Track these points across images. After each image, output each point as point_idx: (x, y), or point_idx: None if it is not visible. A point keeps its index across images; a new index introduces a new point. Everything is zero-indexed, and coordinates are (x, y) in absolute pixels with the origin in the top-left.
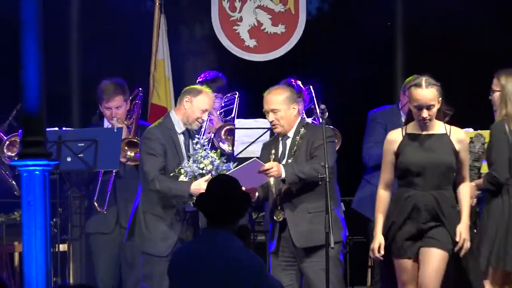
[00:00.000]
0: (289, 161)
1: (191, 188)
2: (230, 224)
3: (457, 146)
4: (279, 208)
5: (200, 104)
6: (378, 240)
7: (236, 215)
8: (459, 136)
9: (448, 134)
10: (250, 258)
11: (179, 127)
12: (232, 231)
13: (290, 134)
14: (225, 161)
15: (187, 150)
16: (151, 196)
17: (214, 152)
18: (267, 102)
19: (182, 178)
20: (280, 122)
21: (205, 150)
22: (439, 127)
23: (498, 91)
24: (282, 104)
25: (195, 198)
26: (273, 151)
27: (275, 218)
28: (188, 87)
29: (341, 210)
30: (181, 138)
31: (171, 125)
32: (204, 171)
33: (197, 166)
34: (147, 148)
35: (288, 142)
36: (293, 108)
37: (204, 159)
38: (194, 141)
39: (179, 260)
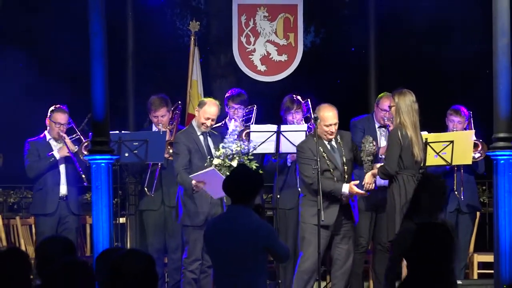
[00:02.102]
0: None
1: (192, 183)
2: (248, 202)
3: None
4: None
5: (203, 113)
6: None
7: (252, 195)
8: None
9: None
10: (264, 226)
11: (199, 130)
12: (249, 207)
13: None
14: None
15: (207, 146)
16: None
17: (237, 146)
18: (335, 116)
19: (215, 161)
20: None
21: (236, 143)
22: None
23: (393, 106)
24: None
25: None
26: (321, 149)
27: (343, 203)
28: (200, 100)
29: None
30: (201, 137)
31: (193, 130)
32: (229, 152)
33: (226, 152)
34: (175, 149)
35: (334, 143)
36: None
37: (232, 144)
38: (227, 136)
39: (211, 229)
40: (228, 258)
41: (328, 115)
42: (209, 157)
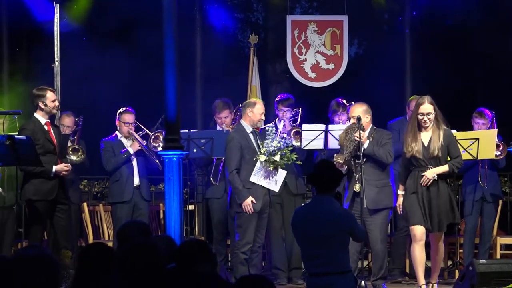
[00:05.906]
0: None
1: (242, 200)
2: (330, 191)
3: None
4: (357, 182)
5: (259, 111)
6: None
7: (334, 186)
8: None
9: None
10: (345, 213)
11: (248, 129)
12: (332, 196)
13: (365, 134)
14: (281, 147)
15: (256, 142)
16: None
17: (278, 142)
18: (353, 111)
19: (261, 158)
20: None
21: (275, 141)
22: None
23: (432, 113)
24: (361, 113)
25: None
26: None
27: (354, 189)
28: (246, 102)
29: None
30: (251, 135)
31: (243, 128)
32: (272, 148)
33: (268, 149)
34: (228, 146)
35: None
36: (367, 117)
37: (272, 142)
38: (268, 139)
39: (300, 216)
40: (316, 241)
41: (352, 108)
42: (258, 153)
